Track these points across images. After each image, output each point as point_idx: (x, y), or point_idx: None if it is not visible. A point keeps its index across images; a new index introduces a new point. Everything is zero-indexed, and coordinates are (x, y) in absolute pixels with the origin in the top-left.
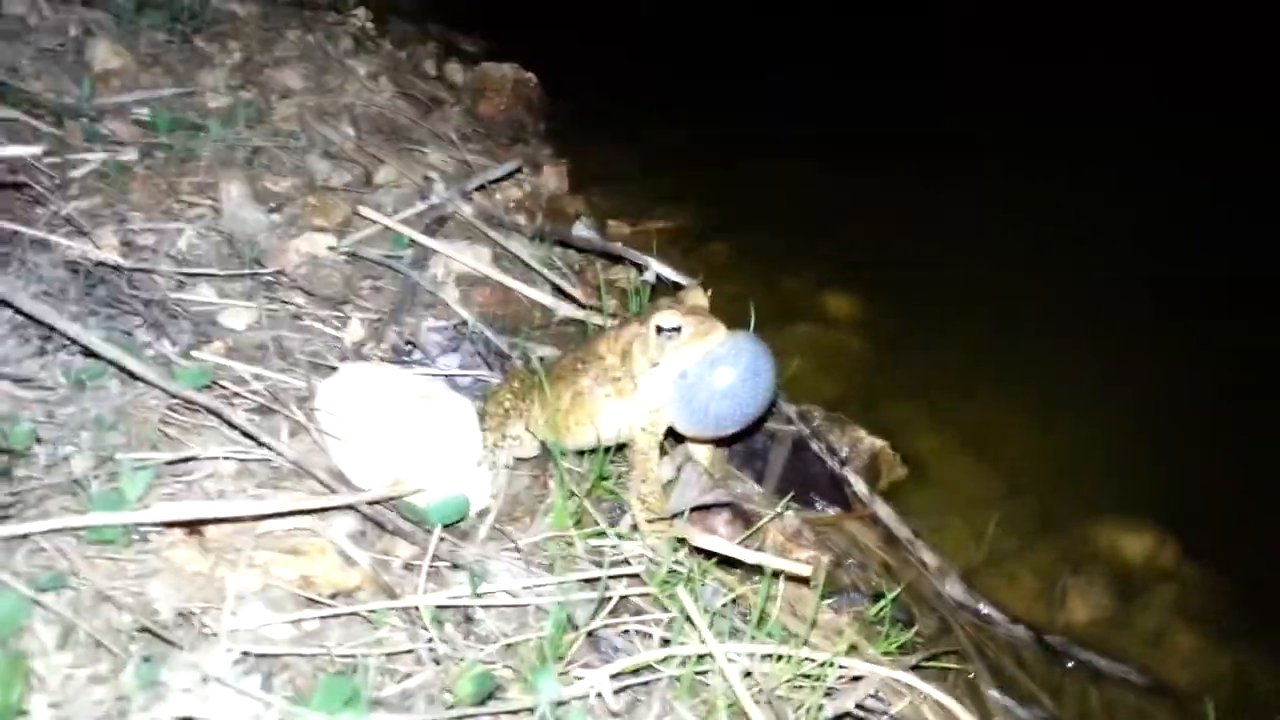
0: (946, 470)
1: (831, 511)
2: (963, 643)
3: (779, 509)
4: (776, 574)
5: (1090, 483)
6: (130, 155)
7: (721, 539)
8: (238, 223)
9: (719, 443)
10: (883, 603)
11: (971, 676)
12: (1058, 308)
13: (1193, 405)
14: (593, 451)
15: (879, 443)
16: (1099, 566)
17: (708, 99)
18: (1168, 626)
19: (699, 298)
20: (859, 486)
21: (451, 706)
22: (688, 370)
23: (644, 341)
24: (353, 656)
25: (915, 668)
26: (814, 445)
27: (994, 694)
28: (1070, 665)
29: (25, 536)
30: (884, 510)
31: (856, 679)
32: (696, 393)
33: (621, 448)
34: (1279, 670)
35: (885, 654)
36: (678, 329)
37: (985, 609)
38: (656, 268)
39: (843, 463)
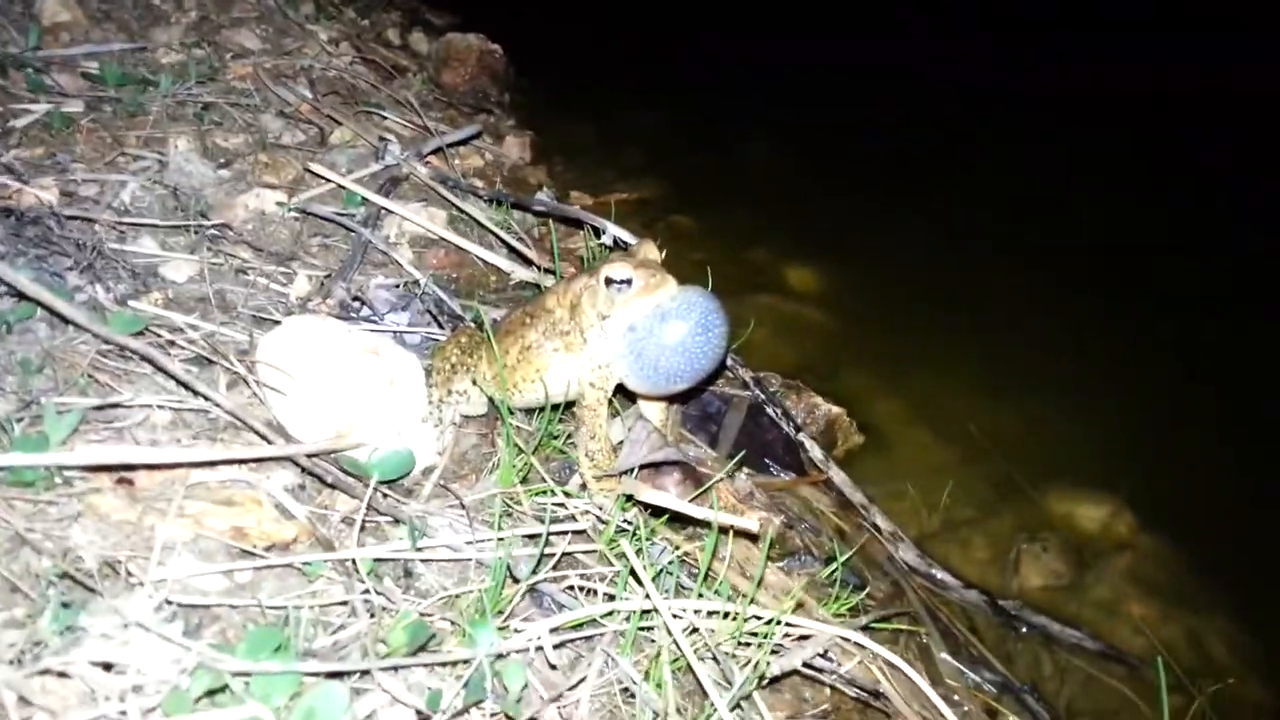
0: (903, 438)
1: (786, 476)
2: (915, 606)
3: (729, 468)
4: (724, 531)
5: (1047, 453)
6: (75, 107)
7: (665, 494)
8: (184, 176)
9: (671, 400)
10: (834, 565)
11: (923, 639)
12: (1018, 282)
13: (1149, 378)
14: (541, 410)
15: (835, 409)
16: (1054, 535)
17: (676, 78)
18: (1121, 594)
19: (651, 251)
20: (814, 452)
21: (386, 656)
22: (637, 324)
23: (593, 294)
24: (285, 608)
25: (865, 628)
26: (770, 410)
27: (945, 657)
28: (1023, 630)
29: None
30: (839, 476)
31: (805, 638)
32: (646, 347)
33: (571, 405)
34: (1230, 637)
35: (836, 615)
36: (628, 281)
37: (938, 574)
38: (614, 231)
39: (798, 428)
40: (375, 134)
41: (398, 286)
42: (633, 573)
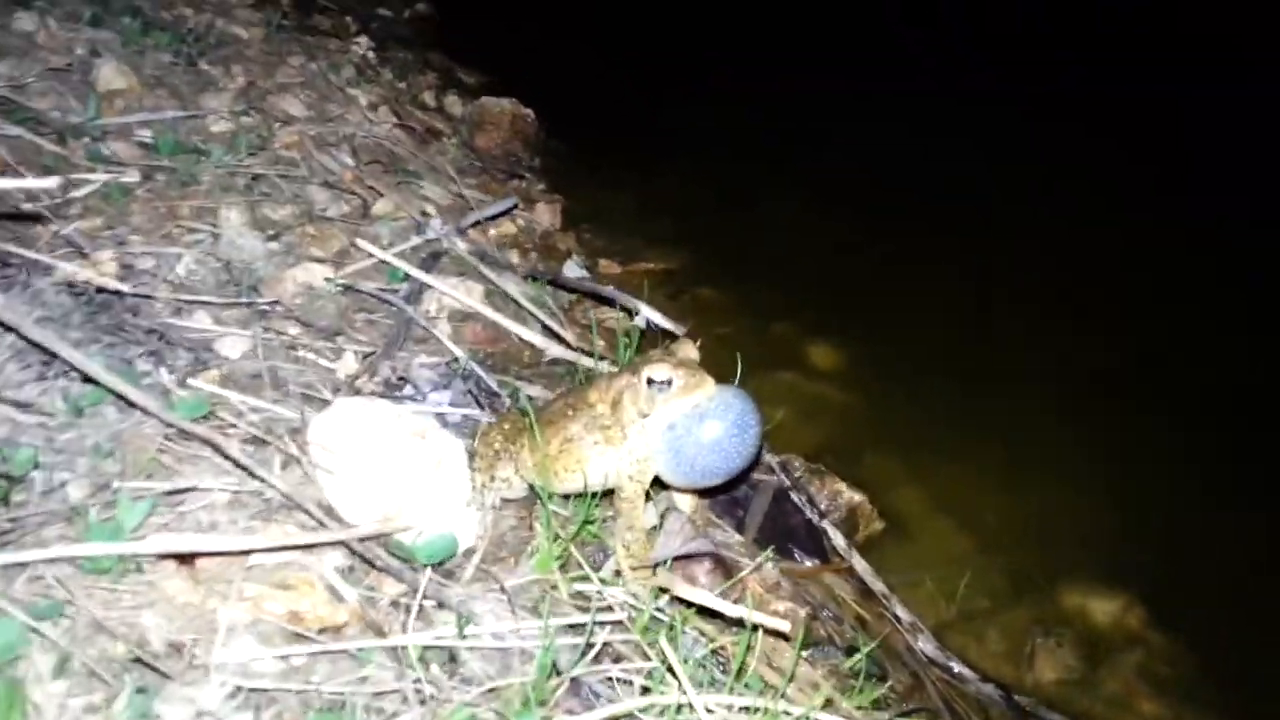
0: (922, 527)
1: (809, 563)
2: (934, 699)
3: (760, 561)
4: (755, 628)
5: (1060, 545)
6: (132, 177)
7: (703, 589)
8: (235, 250)
9: (702, 493)
10: (857, 656)
11: None
12: (1040, 370)
13: (1164, 474)
14: (579, 496)
15: (858, 496)
16: (1068, 629)
17: (703, 143)
18: (1132, 691)
19: (690, 350)
20: (837, 540)
21: None
22: (676, 423)
23: (635, 392)
24: (340, 694)
25: None
26: (794, 496)
27: None
28: None
29: (24, 564)
30: (860, 564)
31: None
32: (684, 445)
33: (608, 493)
34: None
35: (859, 708)
36: (668, 381)
37: (956, 666)
38: (647, 313)
39: (822, 515)
40: (415, 205)
41: (440, 365)
42: (669, 666)
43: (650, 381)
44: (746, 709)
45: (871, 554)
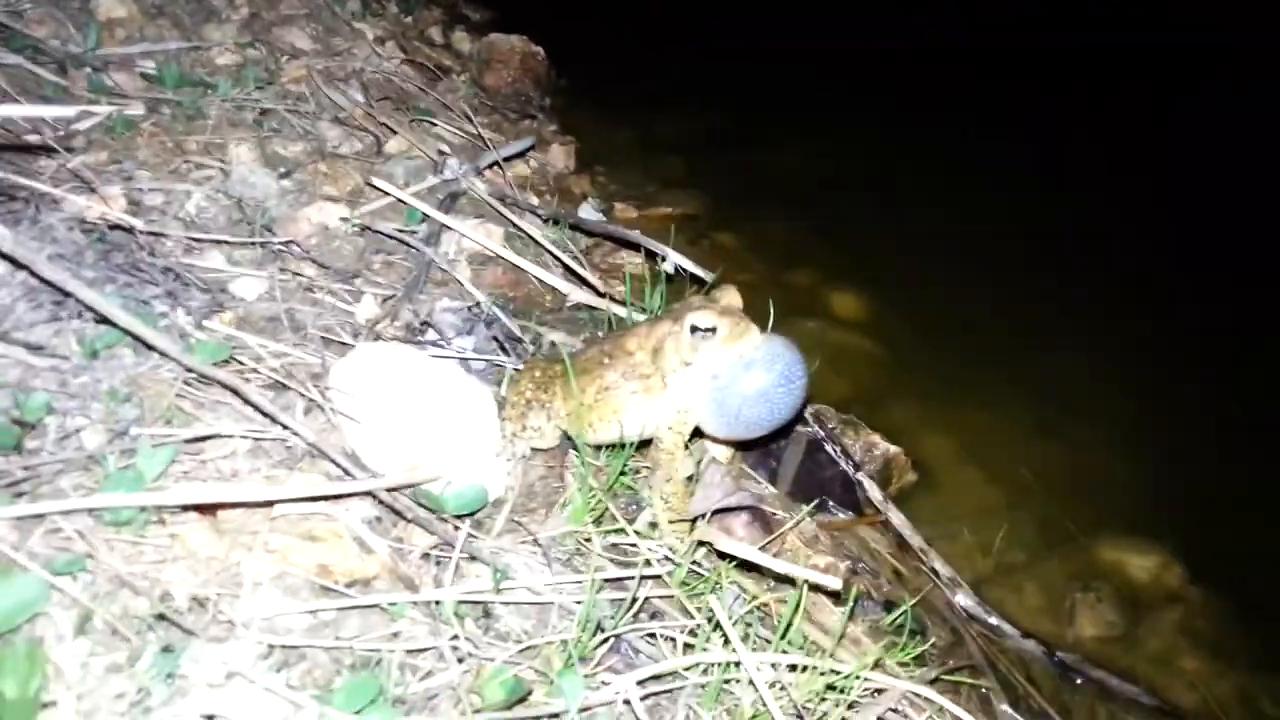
0: (954, 478)
1: (844, 515)
2: (975, 656)
3: (803, 515)
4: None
5: (1094, 497)
6: (137, 110)
7: (745, 544)
8: (247, 187)
9: (739, 445)
10: (898, 612)
11: (984, 691)
12: (1073, 315)
13: (1197, 425)
14: (612, 446)
15: (893, 449)
16: (1106, 584)
17: (717, 82)
18: (1174, 648)
19: (734, 296)
20: (873, 493)
21: (479, 710)
22: (720, 372)
23: (677, 340)
24: (374, 650)
25: (934, 681)
26: (828, 448)
27: (1006, 709)
28: (1079, 682)
29: (41, 516)
30: (897, 517)
31: (878, 691)
32: (728, 396)
33: (644, 443)
34: None
35: (901, 665)
36: (713, 329)
37: (996, 621)
38: (675, 259)
39: (857, 467)
40: (430, 143)
41: (463, 309)
42: (716, 623)
43: (694, 329)
44: (794, 667)
45: (905, 506)
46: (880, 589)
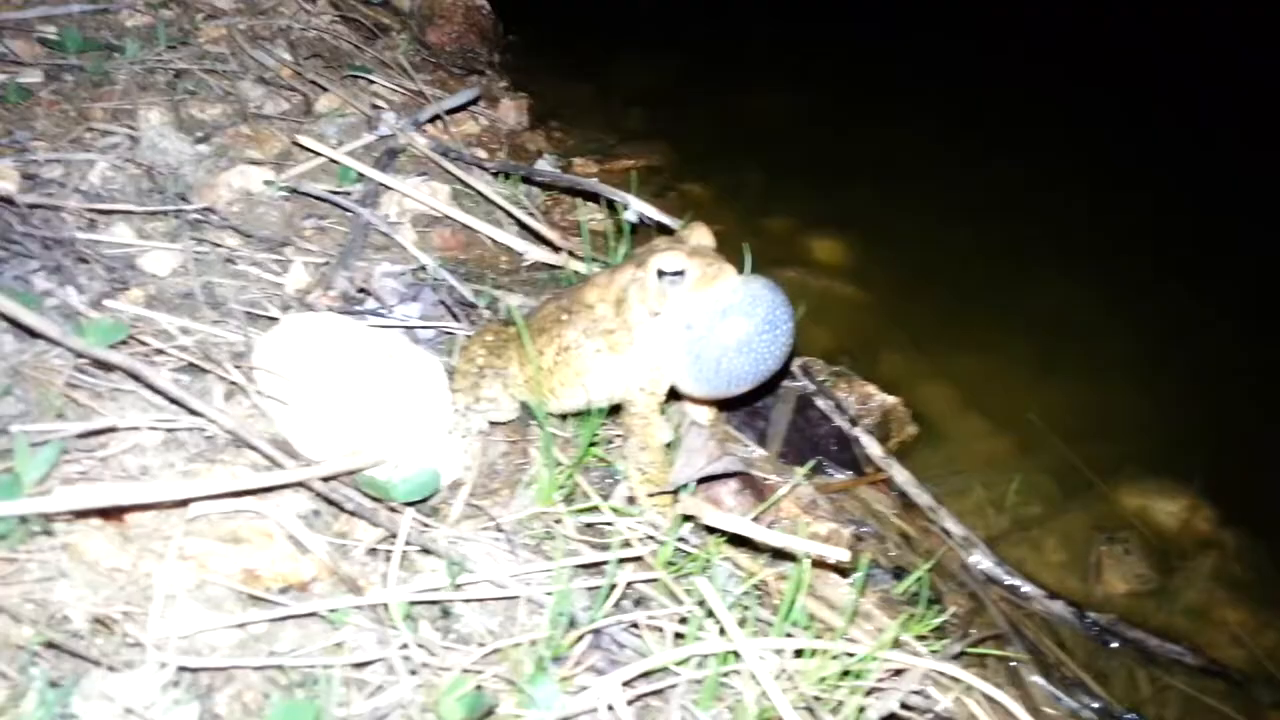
0: (957, 428)
1: (841, 476)
2: (999, 622)
3: (798, 479)
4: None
5: (1111, 438)
6: (34, 77)
7: (736, 516)
8: (158, 153)
9: (722, 404)
10: (910, 579)
11: (1013, 663)
12: (1068, 245)
13: (1218, 351)
14: (579, 414)
15: (890, 399)
16: (1132, 533)
17: (674, 27)
18: (1212, 599)
19: (704, 235)
20: (872, 449)
21: None
22: (695, 320)
23: (642, 287)
24: (312, 666)
25: (959, 656)
26: (820, 403)
27: (1038, 680)
28: (1114, 645)
29: None
30: (901, 475)
31: (896, 672)
32: (706, 347)
33: (614, 409)
34: None
35: (919, 638)
36: (681, 272)
37: (1018, 583)
38: (637, 206)
39: (853, 421)
40: (365, 101)
41: (406, 274)
42: (708, 608)
43: (661, 273)
44: (800, 652)
45: (908, 462)
46: (887, 554)
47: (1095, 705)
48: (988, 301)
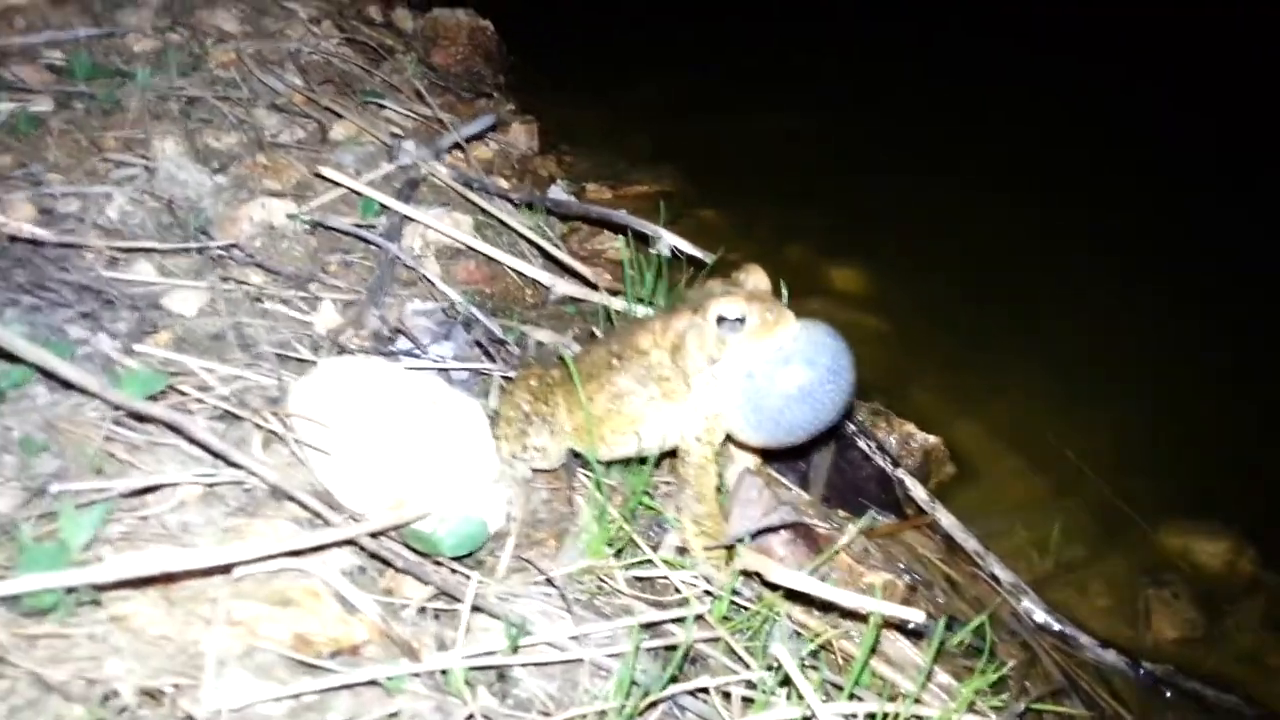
0: (994, 466)
1: (885, 520)
2: (1055, 676)
3: (856, 530)
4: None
5: (1149, 475)
6: (44, 106)
7: (800, 574)
8: (176, 185)
9: (769, 452)
10: (964, 630)
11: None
12: (1098, 273)
13: (1255, 387)
14: (627, 461)
15: (931, 439)
16: (1178, 576)
17: (676, 48)
18: (1264, 644)
19: (760, 279)
20: (916, 491)
21: None
22: (755, 370)
23: (700, 334)
24: None
25: (1022, 714)
26: (861, 443)
27: None
28: (1169, 695)
29: None
30: (947, 519)
31: None
32: (767, 397)
33: (663, 456)
34: None
35: (976, 692)
36: (742, 319)
37: (1069, 631)
38: (670, 239)
39: (895, 462)
40: (380, 127)
41: (437, 311)
42: (784, 675)
43: (720, 320)
44: (872, 717)
45: (949, 504)
46: (936, 602)
47: None
48: (1016, 330)
